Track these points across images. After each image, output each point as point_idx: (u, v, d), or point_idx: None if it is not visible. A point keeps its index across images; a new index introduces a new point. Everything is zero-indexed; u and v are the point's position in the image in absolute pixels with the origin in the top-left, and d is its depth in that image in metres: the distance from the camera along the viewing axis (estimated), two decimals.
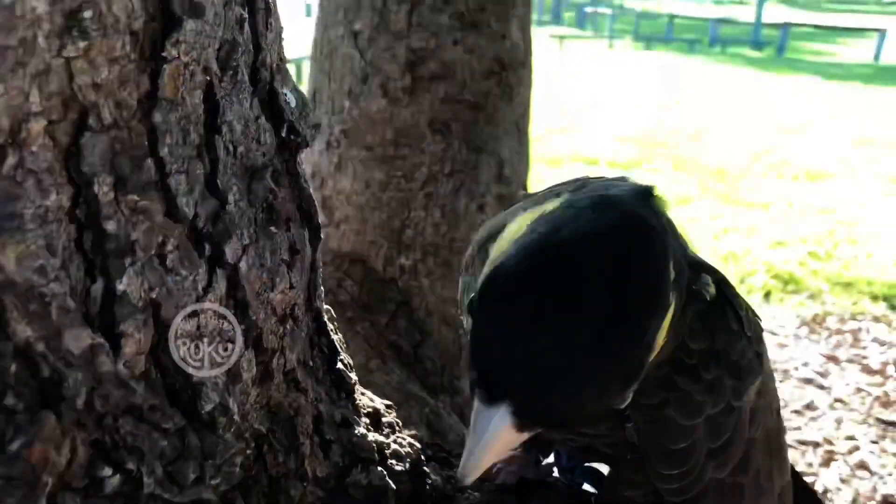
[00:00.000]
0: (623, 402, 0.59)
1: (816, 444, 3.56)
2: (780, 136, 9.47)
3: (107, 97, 0.57)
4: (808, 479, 3.22)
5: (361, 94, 1.93)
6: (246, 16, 0.70)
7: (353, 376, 0.92)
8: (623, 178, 0.68)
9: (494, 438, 0.55)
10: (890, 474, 3.34)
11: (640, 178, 0.64)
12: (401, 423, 0.98)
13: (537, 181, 3.27)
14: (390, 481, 0.85)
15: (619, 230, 0.55)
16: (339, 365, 0.90)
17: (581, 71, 13.79)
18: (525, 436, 0.56)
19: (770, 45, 19.81)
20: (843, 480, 3.31)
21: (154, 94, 0.60)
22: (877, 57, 18.82)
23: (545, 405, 0.54)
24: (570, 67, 13.58)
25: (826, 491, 3.24)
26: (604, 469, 0.93)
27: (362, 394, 0.97)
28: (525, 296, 0.53)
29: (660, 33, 21.11)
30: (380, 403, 0.98)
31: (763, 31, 20.94)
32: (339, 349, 0.93)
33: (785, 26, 19.43)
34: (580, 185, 0.70)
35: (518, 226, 0.60)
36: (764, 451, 0.87)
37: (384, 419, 0.96)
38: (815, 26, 23.46)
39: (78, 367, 0.55)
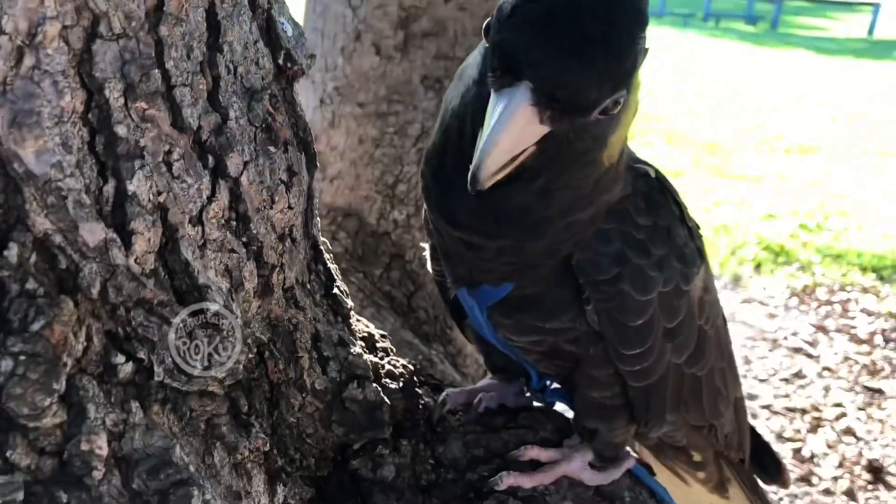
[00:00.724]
0: (614, 109, 0.64)
1: (804, 411, 3.63)
2: (773, 111, 9.51)
3: (116, 7, 0.60)
4: (796, 445, 3.31)
5: (354, 51, 1.96)
6: None
7: (349, 303, 0.96)
8: None
9: (516, 116, 0.59)
10: (875, 440, 3.42)
11: None
12: (394, 350, 1.03)
13: None
14: (385, 397, 0.89)
15: None
16: (336, 290, 0.94)
17: None
18: (540, 130, 0.61)
19: (764, 19, 19.77)
20: (829, 446, 3.39)
21: (160, 8, 0.64)
22: (871, 31, 18.81)
23: (562, 80, 0.59)
24: None
25: (813, 456, 3.31)
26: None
27: (357, 320, 1.01)
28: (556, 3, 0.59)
29: (653, 7, 21.05)
30: (375, 330, 1.02)
31: (756, 5, 20.88)
32: (336, 277, 0.97)
33: (778, 0, 19.39)
34: None
35: None
36: (716, 351, 0.92)
37: (378, 344, 1.00)
38: (809, 0, 23.44)
39: (93, 258, 0.59)
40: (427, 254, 0.97)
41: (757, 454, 1.15)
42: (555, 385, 1.00)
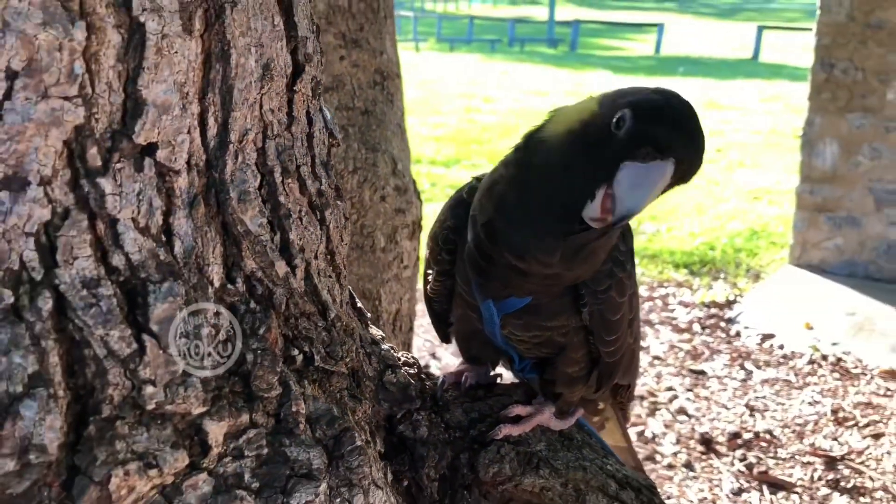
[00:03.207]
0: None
1: (642, 398, 4.16)
2: None
3: (272, 115, 0.90)
4: (639, 429, 3.81)
5: None
6: None
7: (368, 313, 1.28)
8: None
9: (664, 179, 0.92)
10: (704, 416, 4.00)
11: None
12: (397, 347, 1.35)
13: None
14: (411, 379, 1.22)
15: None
16: (359, 304, 1.26)
17: None
18: (667, 181, 0.93)
19: (563, 42, 21.23)
20: (666, 426, 3.92)
21: (290, 114, 0.94)
22: (657, 49, 20.73)
23: (695, 164, 0.94)
24: None
25: (654, 436, 3.83)
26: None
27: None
28: (675, 106, 0.95)
29: (461, 35, 22.08)
30: (378, 333, 1.34)
31: (556, 28, 22.34)
32: (355, 295, 1.28)
33: (575, 23, 20.86)
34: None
35: (563, 113, 1.06)
36: (638, 330, 1.33)
37: (385, 343, 1.32)
38: (602, 23, 25.41)
39: (280, 285, 0.88)
40: (431, 277, 1.29)
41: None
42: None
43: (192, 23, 0.77)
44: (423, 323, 4.84)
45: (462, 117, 10.95)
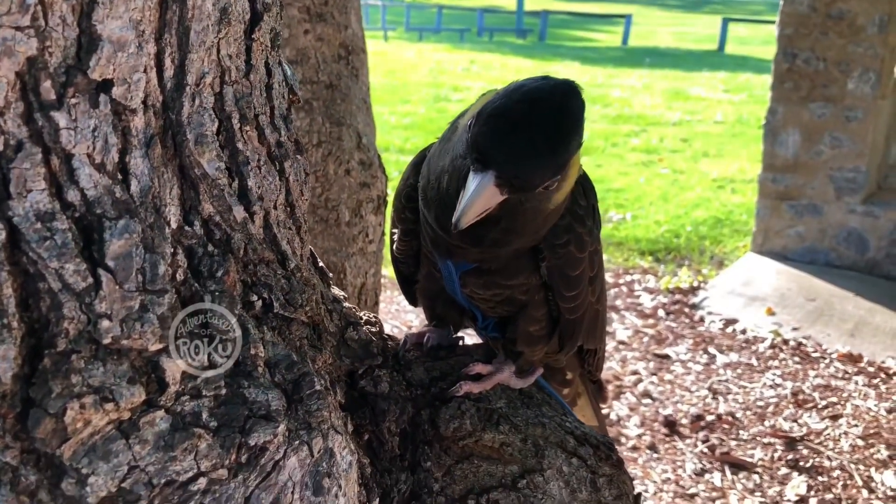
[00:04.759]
0: (552, 185, 0.98)
1: (608, 382, 4.21)
2: None
3: (230, 61, 0.90)
4: (604, 412, 3.85)
5: None
6: None
7: (329, 273, 1.28)
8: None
9: (484, 192, 0.93)
10: (668, 398, 4.06)
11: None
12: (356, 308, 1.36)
13: None
14: (372, 336, 1.22)
15: (561, 84, 0.95)
16: (321, 263, 1.26)
17: None
18: (500, 197, 0.94)
19: (532, 32, 21.29)
20: (631, 409, 3.97)
21: (249, 62, 0.94)
22: (625, 41, 20.88)
23: (515, 171, 0.93)
24: None
25: (619, 419, 3.88)
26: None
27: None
28: (504, 115, 0.93)
29: (430, 24, 22.05)
30: (341, 293, 1.35)
31: (525, 19, 22.40)
32: (316, 255, 1.28)
33: (544, 14, 20.92)
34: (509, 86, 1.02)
35: (482, 100, 1.02)
36: (604, 293, 1.34)
37: (346, 303, 1.33)
38: (571, 13, 25.53)
39: (238, 230, 0.89)
40: (396, 237, 1.31)
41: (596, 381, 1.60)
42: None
43: None
44: (389, 309, 4.85)
45: (431, 106, 10.96)
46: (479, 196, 0.94)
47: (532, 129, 0.93)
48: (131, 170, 0.79)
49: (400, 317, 4.80)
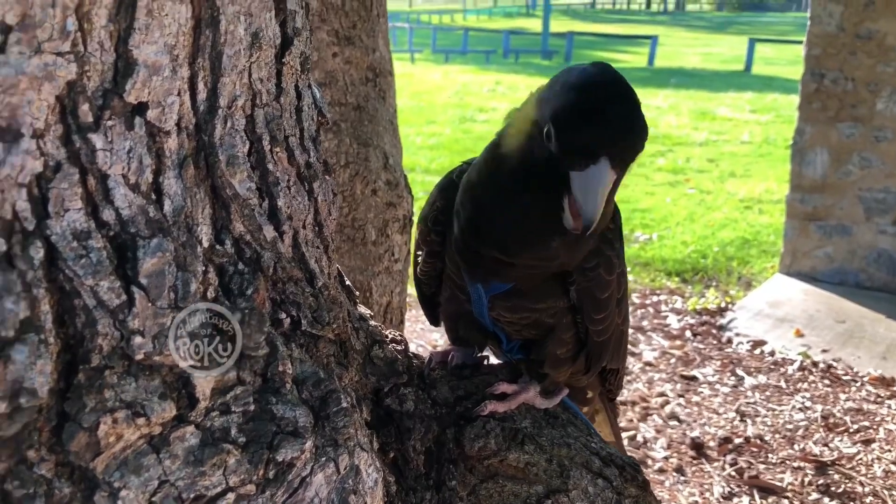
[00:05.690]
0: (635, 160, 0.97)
1: (634, 403, 4.17)
2: None
3: (260, 84, 0.92)
4: (630, 434, 3.83)
5: None
6: None
7: (356, 291, 1.30)
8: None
9: (606, 180, 0.91)
10: (695, 420, 4.01)
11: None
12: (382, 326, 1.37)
13: None
14: (398, 354, 1.23)
15: (606, 66, 0.96)
16: (348, 282, 1.28)
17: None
18: (612, 176, 0.91)
19: (558, 53, 21.36)
20: (658, 431, 3.93)
21: (279, 85, 0.96)
22: (650, 61, 20.87)
23: (623, 147, 0.92)
24: None
25: (646, 441, 3.84)
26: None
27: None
28: (588, 96, 0.93)
29: (456, 46, 22.20)
30: (367, 311, 1.36)
31: (550, 40, 22.48)
32: (343, 274, 1.30)
33: (570, 35, 20.98)
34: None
35: (516, 114, 1.05)
36: (627, 312, 1.35)
37: (372, 321, 1.34)
38: (596, 35, 25.59)
39: (268, 249, 0.91)
40: (420, 258, 1.32)
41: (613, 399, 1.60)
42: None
43: None
44: (415, 328, 4.86)
45: (456, 127, 11.01)
46: (603, 186, 0.92)
47: (622, 103, 0.93)
48: (165, 190, 0.81)
49: (424, 336, 4.80)
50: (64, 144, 0.74)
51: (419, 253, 1.33)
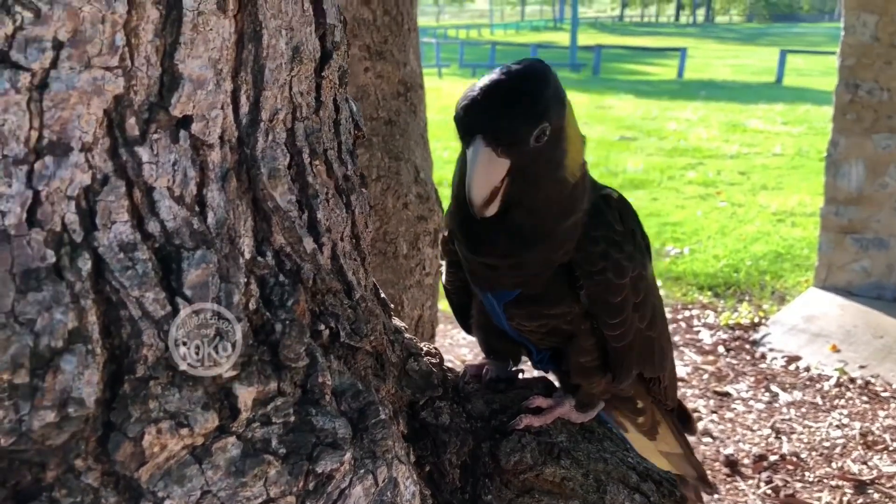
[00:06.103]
0: (543, 136, 0.98)
1: None
2: (603, 150, 10.38)
3: (301, 98, 0.93)
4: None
5: None
6: None
7: (390, 304, 1.30)
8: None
9: (479, 157, 0.94)
10: (728, 437, 3.95)
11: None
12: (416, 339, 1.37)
13: None
14: (433, 368, 1.23)
15: (524, 60, 1.00)
16: (382, 294, 1.28)
17: None
18: (502, 163, 0.95)
19: (586, 66, 21.33)
20: None
21: (319, 99, 0.97)
22: (680, 74, 20.77)
23: (496, 125, 0.94)
24: None
25: None
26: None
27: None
28: (473, 90, 0.97)
29: (484, 61, 22.25)
30: (402, 324, 1.36)
31: (578, 53, 22.46)
32: (379, 287, 1.30)
33: (598, 48, 20.96)
34: None
35: None
36: (661, 320, 1.33)
37: (407, 334, 1.34)
38: (625, 47, 25.53)
39: (308, 261, 0.91)
40: (444, 269, 1.32)
41: (673, 409, 1.57)
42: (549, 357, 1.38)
43: (226, 3, 0.81)
44: (443, 342, 4.86)
45: None
46: (477, 163, 0.95)
47: (500, 89, 0.96)
48: (208, 202, 0.82)
49: (453, 350, 4.80)
50: (111, 158, 0.75)
51: (441, 263, 1.34)
